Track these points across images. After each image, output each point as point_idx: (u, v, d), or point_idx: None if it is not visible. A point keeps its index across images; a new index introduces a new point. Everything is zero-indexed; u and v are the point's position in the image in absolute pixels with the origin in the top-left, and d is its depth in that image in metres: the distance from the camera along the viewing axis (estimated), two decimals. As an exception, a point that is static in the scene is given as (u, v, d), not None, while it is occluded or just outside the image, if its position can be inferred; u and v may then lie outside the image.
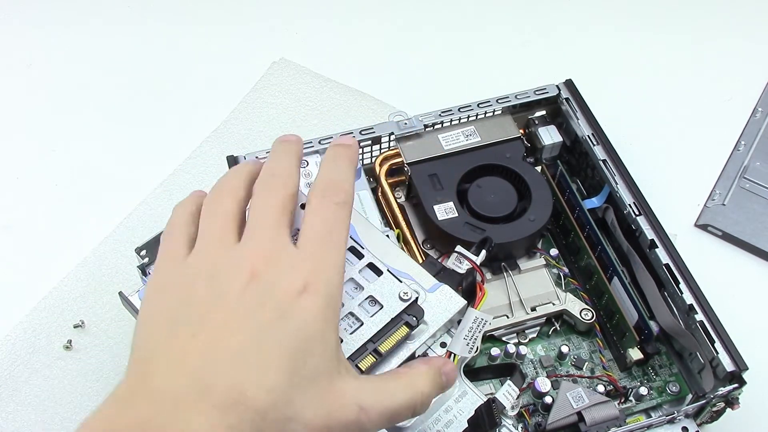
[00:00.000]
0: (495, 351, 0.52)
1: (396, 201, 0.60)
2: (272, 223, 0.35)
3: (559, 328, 0.55)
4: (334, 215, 0.36)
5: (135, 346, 0.34)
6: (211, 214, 0.37)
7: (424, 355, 0.44)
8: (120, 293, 0.47)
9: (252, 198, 0.37)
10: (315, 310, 0.33)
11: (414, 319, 0.42)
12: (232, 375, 0.31)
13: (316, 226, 0.36)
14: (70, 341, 0.57)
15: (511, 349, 0.53)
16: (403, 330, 0.42)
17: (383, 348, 0.41)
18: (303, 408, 0.32)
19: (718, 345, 0.49)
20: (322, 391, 0.33)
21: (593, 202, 0.58)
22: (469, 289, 0.48)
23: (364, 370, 0.40)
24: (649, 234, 0.54)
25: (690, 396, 0.51)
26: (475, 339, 0.45)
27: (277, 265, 0.34)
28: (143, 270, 0.46)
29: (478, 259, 0.49)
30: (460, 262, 0.49)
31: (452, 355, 0.45)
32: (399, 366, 0.41)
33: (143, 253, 0.45)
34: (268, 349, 0.32)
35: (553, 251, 0.59)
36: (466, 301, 0.45)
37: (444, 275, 0.47)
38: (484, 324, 0.45)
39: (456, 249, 0.49)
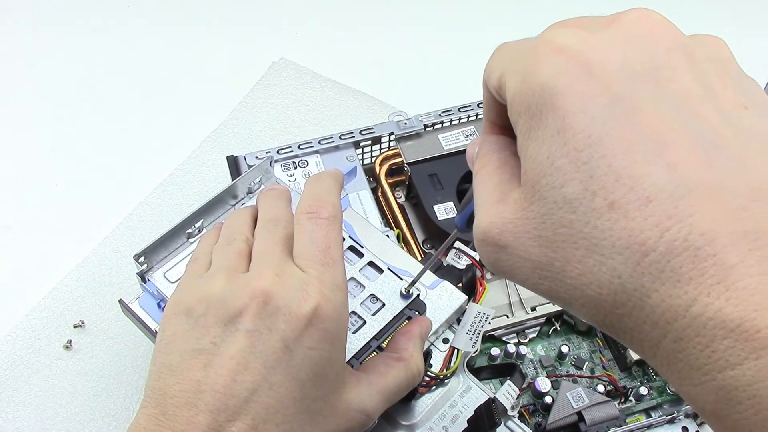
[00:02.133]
0: (495, 351, 0.52)
1: (396, 201, 0.60)
2: (276, 252, 0.36)
3: (559, 328, 0.55)
4: (326, 231, 0.37)
5: (152, 370, 0.34)
6: (222, 249, 0.38)
7: (428, 352, 0.44)
8: (120, 301, 0.46)
9: (255, 240, 0.38)
10: (323, 337, 0.34)
11: (416, 314, 0.43)
12: (246, 415, 0.32)
13: (310, 246, 0.36)
14: (70, 341, 0.56)
15: (511, 349, 0.53)
16: None
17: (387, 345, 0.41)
18: (313, 429, 0.34)
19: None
20: (330, 408, 0.35)
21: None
22: (469, 284, 0.48)
23: None
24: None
25: (690, 396, 0.51)
26: (478, 334, 0.45)
27: (283, 287, 0.34)
28: (142, 277, 0.46)
29: (477, 255, 0.49)
30: (459, 257, 0.49)
31: (455, 350, 0.45)
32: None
33: (142, 259, 0.45)
34: (279, 384, 0.33)
35: (553, 251, 0.59)
36: (467, 297, 0.46)
37: (444, 272, 0.47)
38: (486, 318, 0.46)
39: (455, 245, 0.49)
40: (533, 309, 0.54)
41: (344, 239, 0.47)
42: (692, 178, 0.20)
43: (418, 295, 0.44)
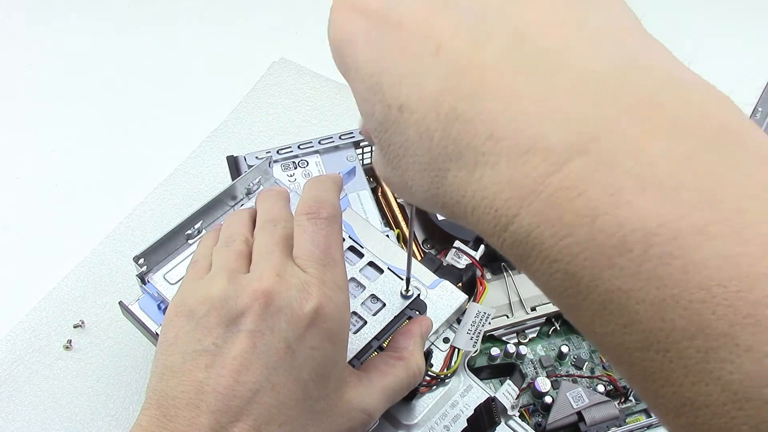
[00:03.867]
0: (495, 351, 0.52)
1: (396, 201, 0.60)
2: (276, 252, 0.36)
3: (559, 328, 0.55)
4: (326, 232, 0.37)
5: (154, 371, 0.34)
6: (222, 251, 0.38)
7: (429, 352, 0.44)
8: (120, 303, 0.46)
9: (255, 241, 0.38)
10: (325, 337, 0.34)
11: (417, 313, 0.43)
12: (248, 416, 0.32)
13: (311, 246, 0.36)
14: (70, 341, 0.56)
15: (511, 349, 0.53)
16: None
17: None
18: (316, 429, 0.34)
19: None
20: (332, 407, 0.35)
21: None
22: (469, 284, 0.48)
23: None
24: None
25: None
26: (479, 333, 0.45)
27: (285, 288, 0.34)
28: (142, 278, 0.46)
29: (477, 254, 0.49)
30: (458, 257, 0.49)
31: (456, 350, 0.45)
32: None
33: (141, 261, 0.45)
34: (281, 384, 0.33)
35: (553, 251, 0.59)
36: (467, 296, 0.46)
37: (444, 271, 0.47)
38: (487, 318, 0.46)
39: (454, 244, 0.49)
40: (533, 309, 0.54)
41: (344, 239, 0.47)
42: (454, 50, 0.21)
43: (419, 294, 0.44)
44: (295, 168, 0.58)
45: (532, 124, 0.19)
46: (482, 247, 0.50)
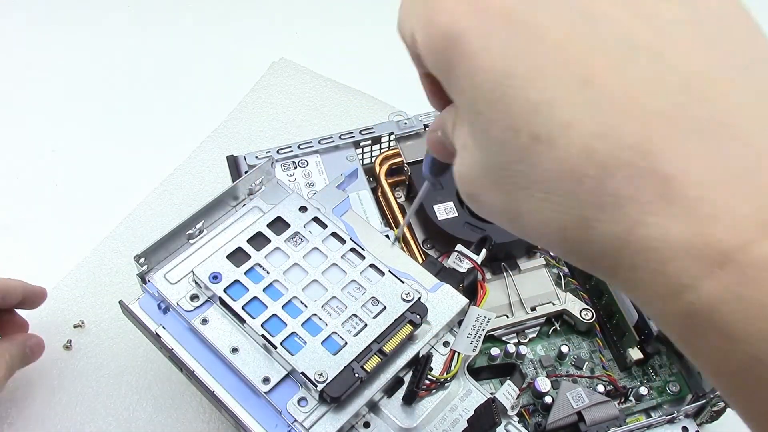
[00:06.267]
0: (495, 351, 0.52)
1: (396, 201, 0.60)
2: None
3: (559, 328, 0.55)
4: None
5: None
6: None
7: (429, 356, 0.44)
8: (120, 302, 0.46)
9: None
10: None
11: (417, 317, 0.43)
12: None
13: None
14: (70, 341, 0.56)
15: (511, 349, 0.53)
16: (407, 329, 0.42)
17: (388, 348, 0.41)
18: None
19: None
20: None
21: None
22: (470, 287, 0.48)
23: (369, 371, 0.40)
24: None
25: (690, 396, 0.51)
26: (479, 337, 0.45)
27: None
28: (143, 278, 0.46)
29: (479, 258, 0.49)
30: (460, 261, 0.49)
31: (456, 354, 0.45)
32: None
33: (142, 260, 0.45)
34: None
35: (553, 251, 0.59)
36: (467, 300, 0.46)
37: (445, 274, 0.47)
38: (487, 322, 0.46)
39: (456, 248, 0.50)
40: (533, 309, 0.54)
41: (345, 241, 0.47)
42: (610, 88, 0.19)
43: (419, 298, 0.44)
44: (295, 168, 0.58)
45: (716, 191, 0.17)
46: (483, 250, 0.50)
